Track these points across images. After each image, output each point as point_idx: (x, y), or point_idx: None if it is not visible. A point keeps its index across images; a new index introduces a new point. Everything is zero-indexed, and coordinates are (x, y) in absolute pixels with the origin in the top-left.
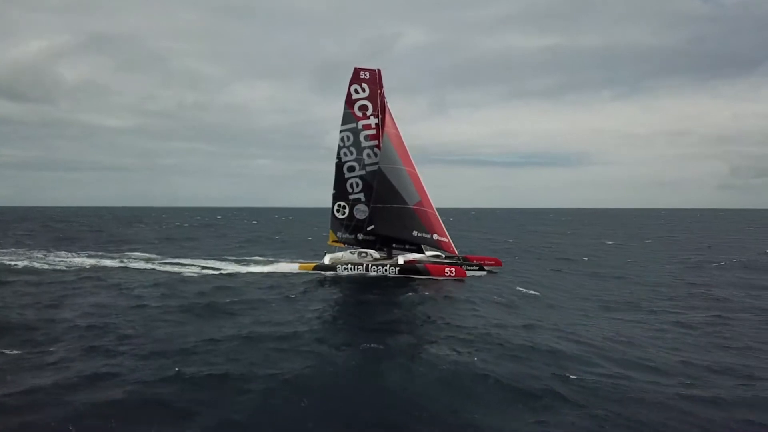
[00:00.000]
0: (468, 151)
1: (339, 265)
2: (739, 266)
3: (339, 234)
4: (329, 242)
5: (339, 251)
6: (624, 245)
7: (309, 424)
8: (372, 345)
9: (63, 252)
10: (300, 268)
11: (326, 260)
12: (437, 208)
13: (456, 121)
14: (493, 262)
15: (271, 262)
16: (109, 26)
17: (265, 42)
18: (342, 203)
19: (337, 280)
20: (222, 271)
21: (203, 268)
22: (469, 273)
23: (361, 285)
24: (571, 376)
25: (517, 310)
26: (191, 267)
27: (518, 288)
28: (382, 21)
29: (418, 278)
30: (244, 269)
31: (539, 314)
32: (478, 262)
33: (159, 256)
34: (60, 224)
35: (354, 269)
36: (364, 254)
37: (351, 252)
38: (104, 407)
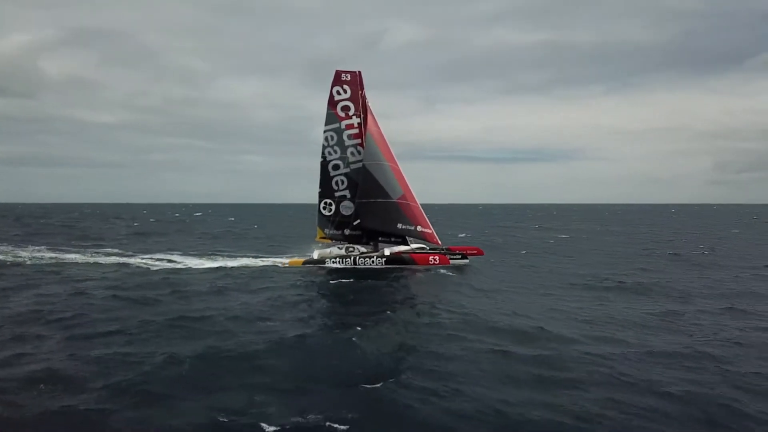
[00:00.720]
0: (459, 147)
1: (328, 259)
2: (675, 258)
3: (326, 230)
4: (317, 239)
5: (327, 247)
6: (575, 238)
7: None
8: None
9: (31, 246)
10: (290, 263)
11: (315, 255)
12: (427, 204)
13: (447, 116)
14: (475, 252)
15: (235, 257)
16: (97, 20)
17: (256, 38)
18: (328, 200)
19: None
20: (174, 266)
21: (158, 260)
22: (452, 261)
23: (337, 281)
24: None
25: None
26: (147, 260)
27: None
28: (374, 17)
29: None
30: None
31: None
32: (460, 252)
33: (121, 251)
34: (36, 220)
35: (342, 262)
36: (351, 249)
37: (339, 247)
38: (18, 381)
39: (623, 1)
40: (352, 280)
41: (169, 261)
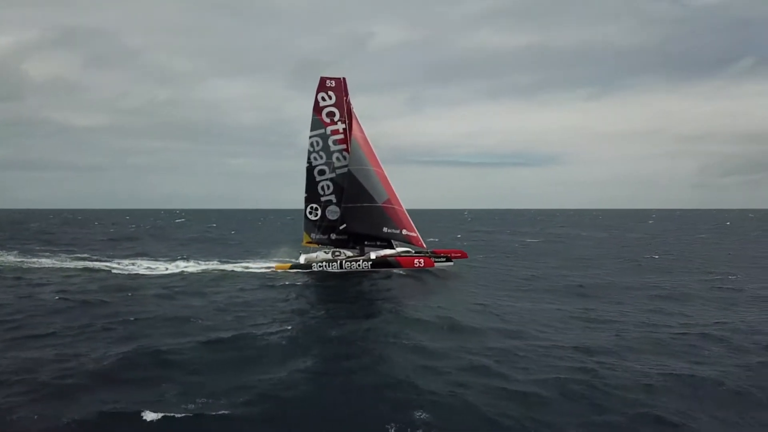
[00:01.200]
0: (443, 151)
1: (314, 264)
2: (627, 262)
3: (313, 235)
4: (303, 243)
5: (314, 251)
6: (544, 242)
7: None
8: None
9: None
10: (276, 268)
11: (302, 260)
12: (414, 209)
13: (432, 118)
14: (459, 254)
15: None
16: (79, 21)
17: (241, 38)
18: (314, 205)
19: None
20: (136, 270)
21: (122, 265)
22: (437, 264)
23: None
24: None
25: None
26: (112, 265)
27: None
28: (360, 18)
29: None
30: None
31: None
32: (445, 255)
33: (88, 255)
34: (13, 225)
35: (329, 266)
36: (337, 253)
37: (325, 251)
38: None
39: (606, 5)
40: (307, 280)
41: (133, 265)
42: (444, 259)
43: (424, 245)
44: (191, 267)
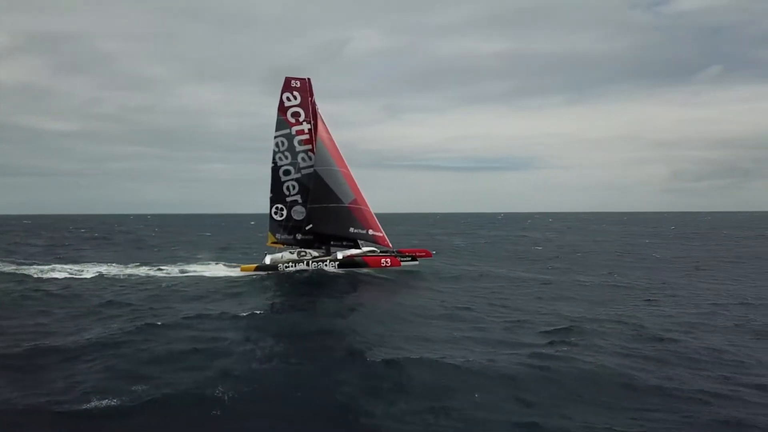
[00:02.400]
0: (421, 156)
1: (280, 264)
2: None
3: (278, 235)
4: (268, 243)
5: (279, 252)
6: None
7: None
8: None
9: None
10: (242, 269)
11: (267, 260)
12: (394, 213)
13: (409, 125)
14: (424, 254)
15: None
16: (49, 26)
17: (216, 44)
18: (279, 205)
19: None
20: (55, 275)
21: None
22: (403, 263)
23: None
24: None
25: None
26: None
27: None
28: (335, 24)
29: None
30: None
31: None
32: (410, 254)
33: (26, 260)
34: None
35: (295, 266)
36: (303, 253)
37: (290, 252)
38: None
39: (579, 13)
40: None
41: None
42: (410, 259)
43: (390, 245)
44: (119, 270)
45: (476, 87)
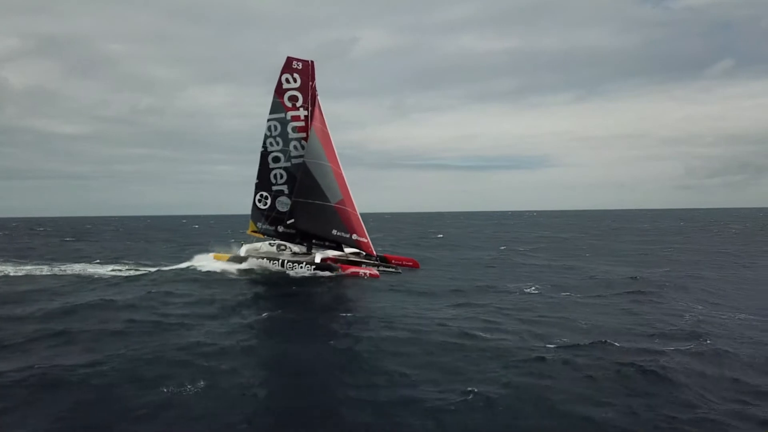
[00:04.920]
0: (430, 155)
1: (255, 258)
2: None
3: (259, 224)
4: (248, 232)
5: (258, 241)
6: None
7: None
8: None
9: None
10: (215, 258)
11: (242, 251)
12: (402, 213)
13: (418, 124)
14: (411, 263)
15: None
16: (58, 29)
17: (222, 45)
18: (264, 193)
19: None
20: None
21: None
22: (384, 271)
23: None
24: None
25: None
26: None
27: None
28: (342, 25)
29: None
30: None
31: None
32: (396, 263)
33: (19, 260)
34: None
35: (270, 263)
36: (283, 247)
37: (270, 243)
38: None
39: (587, 9)
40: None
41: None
42: (393, 269)
43: (374, 252)
44: (95, 270)
45: (484, 85)
